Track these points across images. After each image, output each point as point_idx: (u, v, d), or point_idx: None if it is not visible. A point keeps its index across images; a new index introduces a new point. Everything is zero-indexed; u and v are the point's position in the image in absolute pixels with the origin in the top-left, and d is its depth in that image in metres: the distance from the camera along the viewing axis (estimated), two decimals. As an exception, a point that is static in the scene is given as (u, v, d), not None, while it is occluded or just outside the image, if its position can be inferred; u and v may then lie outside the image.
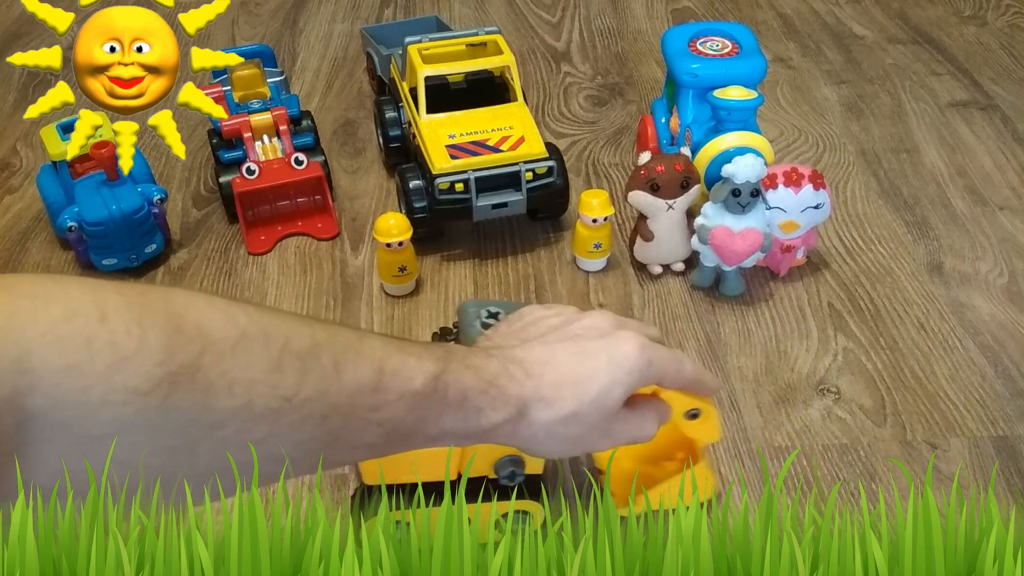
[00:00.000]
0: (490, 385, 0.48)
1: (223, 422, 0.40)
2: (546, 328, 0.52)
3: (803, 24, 1.26)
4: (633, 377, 0.50)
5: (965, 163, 0.97)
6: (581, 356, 0.50)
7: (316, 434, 0.43)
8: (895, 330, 0.77)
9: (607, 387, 0.49)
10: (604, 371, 0.50)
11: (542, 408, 0.49)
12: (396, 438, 0.46)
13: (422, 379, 0.45)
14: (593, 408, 0.49)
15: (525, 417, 0.49)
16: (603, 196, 0.79)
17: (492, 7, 1.33)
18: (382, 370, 0.44)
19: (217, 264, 0.86)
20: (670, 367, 0.52)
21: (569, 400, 0.49)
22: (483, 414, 0.48)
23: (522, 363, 0.50)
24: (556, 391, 0.49)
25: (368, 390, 0.44)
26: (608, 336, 0.51)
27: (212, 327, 0.40)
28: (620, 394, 0.50)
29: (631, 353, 0.50)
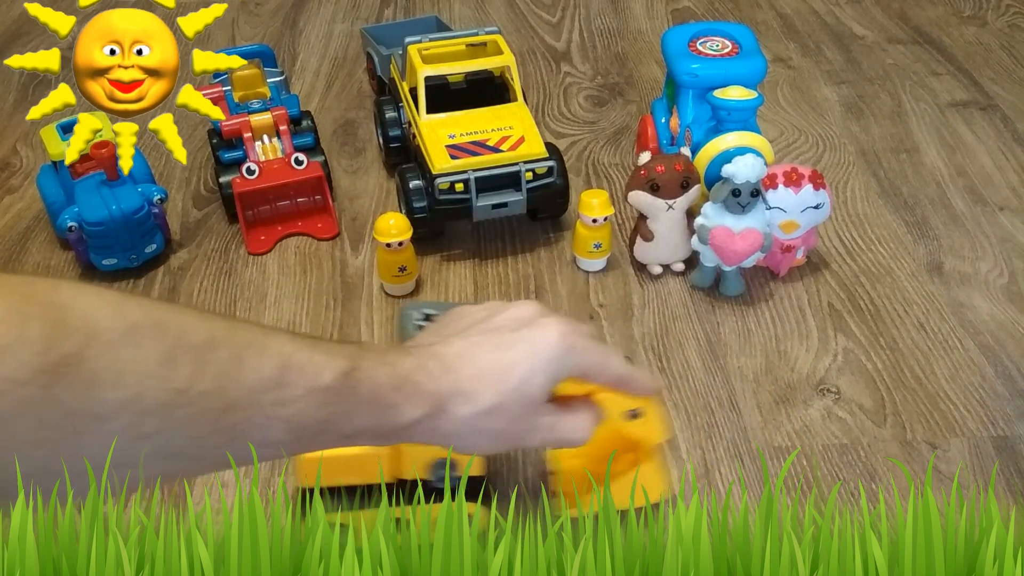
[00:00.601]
0: (405, 381, 0.47)
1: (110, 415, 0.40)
2: (469, 323, 0.52)
3: (803, 24, 1.26)
4: (553, 365, 0.50)
5: (965, 163, 0.97)
6: (501, 347, 0.50)
7: (214, 429, 0.43)
8: (895, 330, 0.77)
9: (527, 376, 0.49)
10: (524, 360, 0.49)
11: (462, 402, 0.48)
12: (306, 435, 0.46)
13: (331, 375, 0.45)
14: (515, 399, 0.49)
15: (444, 413, 0.48)
16: (603, 196, 0.79)
17: (492, 7, 1.33)
18: (288, 365, 0.44)
19: (217, 264, 0.86)
20: (595, 358, 0.51)
21: (489, 392, 0.48)
22: (398, 411, 0.47)
23: (440, 358, 0.49)
24: (476, 384, 0.48)
25: (271, 385, 0.43)
26: (529, 325, 0.51)
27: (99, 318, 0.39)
28: (542, 382, 0.49)
29: (551, 340, 0.50)
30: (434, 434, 0.49)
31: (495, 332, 0.51)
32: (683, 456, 0.66)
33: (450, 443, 0.50)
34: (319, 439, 0.46)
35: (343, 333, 0.78)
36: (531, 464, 0.66)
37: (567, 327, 0.51)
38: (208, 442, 0.43)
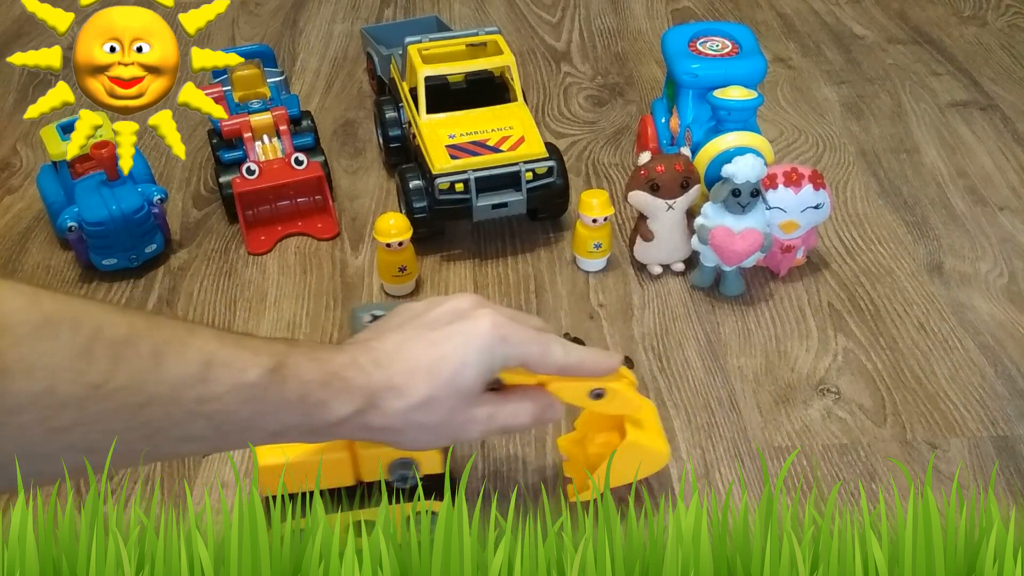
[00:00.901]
0: (334, 378, 0.47)
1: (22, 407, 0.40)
2: (406, 318, 0.52)
3: (803, 24, 1.26)
4: (486, 356, 0.50)
5: (965, 163, 0.97)
6: (434, 341, 0.50)
7: (132, 424, 0.43)
8: (895, 330, 0.77)
9: (459, 368, 0.49)
10: (456, 353, 0.49)
11: (394, 397, 0.48)
12: (231, 432, 0.46)
13: (257, 371, 0.45)
14: (448, 391, 0.49)
15: (376, 408, 0.48)
16: (603, 196, 0.79)
17: (492, 7, 1.33)
18: (211, 361, 0.44)
19: (217, 264, 0.86)
20: (533, 348, 0.51)
21: (422, 386, 0.49)
22: (327, 407, 0.47)
23: (372, 353, 0.49)
24: (408, 378, 0.48)
25: (193, 381, 0.43)
26: (462, 318, 0.51)
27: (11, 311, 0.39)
28: (475, 374, 0.49)
29: (483, 332, 0.50)
30: (367, 430, 0.49)
31: (429, 326, 0.51)
32: (683, 456, 0.66)
33: (387, 438, 0.50)
34: (245, 435, 0.46)
35: (343, 333, 0.78)
36: (531, 464, 0.66)
37: (501, 318, 0.51)
38: (125, 437, 0.43)
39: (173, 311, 0.80)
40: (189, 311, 0.80)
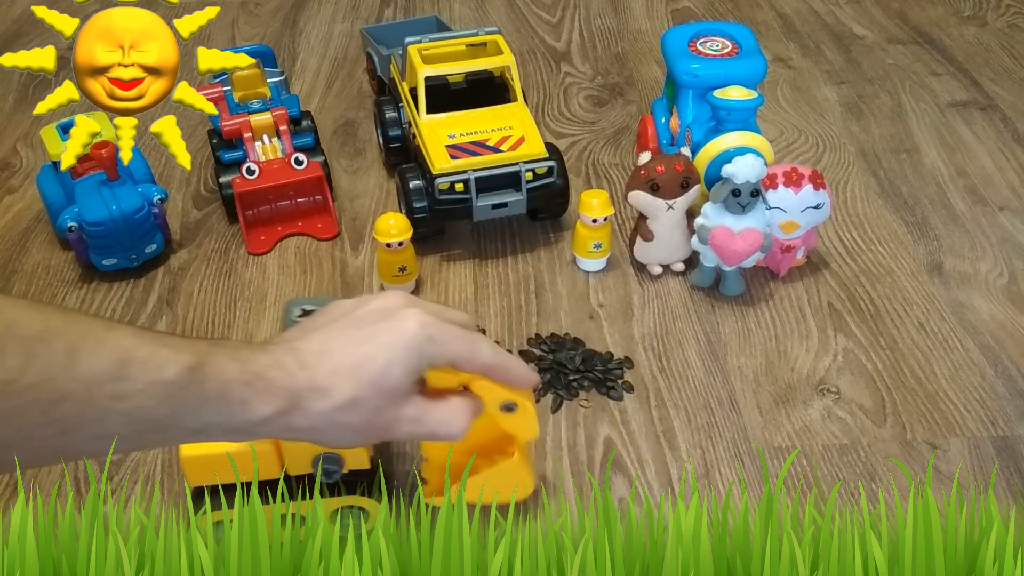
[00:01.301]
0: (257, 377, 0.47)
1: None
2: (333, 317, 0.52)
3: (803, 24, 1.26)
4: (412, 355, 0.50)
5: (965, 163, 0.97)
6: (359, 340, 0.50)
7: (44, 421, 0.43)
8: (895, 330, 0.77)
9: (384, 367, 0.49)
10: (381, 352, 0.49)
11: (318, 397, 0.48)
12: (147, 429, 0.45)
13: (175, 369, 0.45)
14: (373, 391, 0.49)
15: (299, 409, 0.48)
16: (603, 196, 0.79)
17: (492, 7, 1.33)
18: (128, 359, 0.44)
19: (217, 264, 0.86)
20: (460, 347, 0.51)
21: (346, 386, 0.48)
22: (248, 407, 0.47)
23: (297, 353, 0.49)
24: (332, 379, 0.48)
25: (108, 378, 0.43)
26: (389, 317, 0.50)
27: None
28: (401, 374, 0.49)
29: (409, 331, 0.50)
30: (291, 430, 0.49)
31: (355, 325, 0.50)
32: (683, 456, 0.66)
33: (311, 438, 0.50)
34: (163, 433, 0.46)
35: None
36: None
37: (428, 317, 0.51)
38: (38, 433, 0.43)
39: (173, 311, 0.80)
40: (189, 311, 0.80)
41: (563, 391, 0.71)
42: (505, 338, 0.77)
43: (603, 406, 0.70)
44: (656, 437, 0.68)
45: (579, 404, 0.71)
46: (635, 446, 0.67)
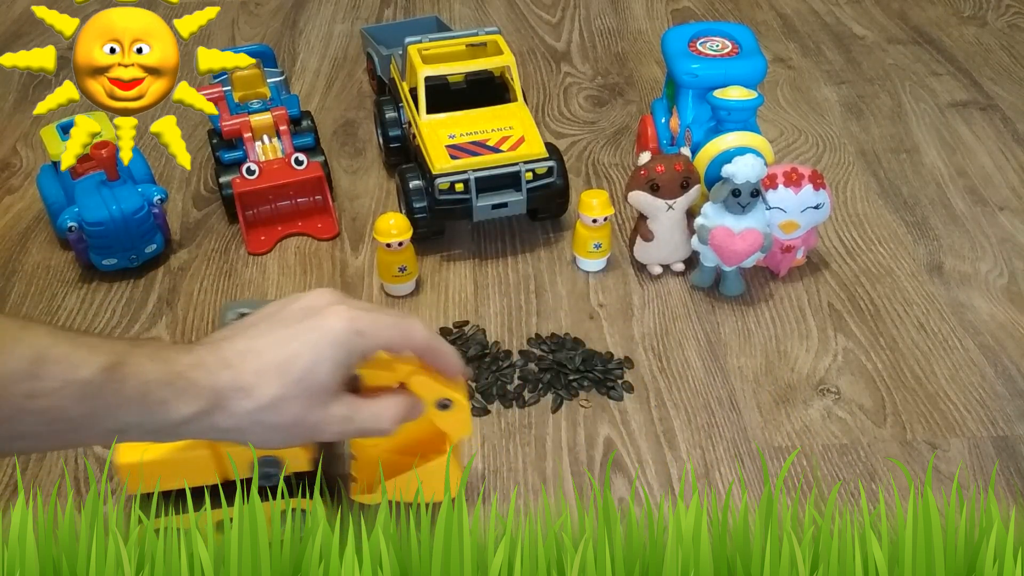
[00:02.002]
0: (178, 377, 0.47)
1: None
2: (262, 316, 0.51)
3: (803, 24, 1.26)
4: (340, 352, 0.49)
5: (965, 163, 0.97)
6: (284, 339, 0.49)
7: None
8: (895, 330, 0.77)
9: (310, 366, 0.48)
10: (308, 350, 0.49)
11: (242, 397, 0.48)
12: (65, 430, 0.45)
13: (91, 369, 0.44)
14: (300, 390, 0.48)
15: (223, 409, 0.48)
16: (603, 196, 0.79)
17: (492, 7, 1.33)
18: (43, 358, 0.44)
19: (217, 264, 0.86)
20: (392, 332, 0.51)
21: (271, 385, 0.48)
22: (169, 407, 0.46)
23: (221, 352, 0.49)
24: (257, 378, 0.48)
25: (22, 376, 0.43)
26: (315, 315, 0.50)
27: None
28: (328, 371, 0.49)
29: (336, 328, 0.49)
30: (215, 431, 0.48)
31: (281, 324, 0.50)
32: (683, 456, 0.66)
33: (235, 439, 0.50)
34: (81, 433, 0.46)
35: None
36: (531, 464, 0.66)
37: (355, 312, 0.50)
38: None
39: (173, 311, 0.80)
40: (189, 311, 0.80)
41: (563, 391, 0.71)
42: (505, 338, 0.77)
43: (603, 406, 0.70)
44: (656, 437, 0.68)
45: (579, 404, 0.71)
46: (635, 446, 0.67)
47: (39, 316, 0.80)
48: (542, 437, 0.68)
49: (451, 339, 0.76)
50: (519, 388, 0.72)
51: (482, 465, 0.66)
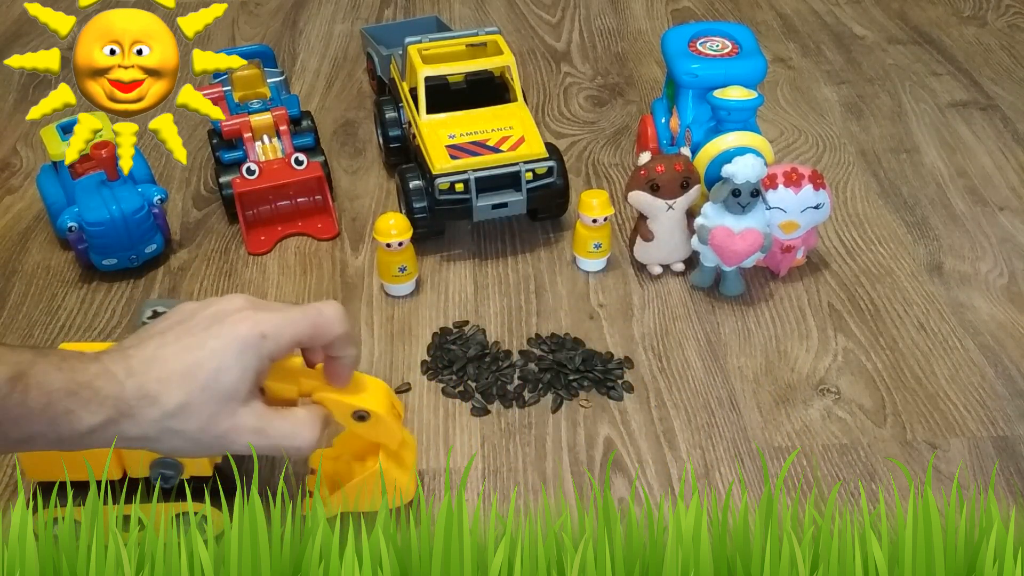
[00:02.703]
0: (83, 387, 0.47)
1: None
2: (172, 322, 0.51)
3: (803, 24, 1.26)
4: (246, 358, 0.49)
5: (965, 163, 0.97)
6: (190, 346, 0.49)
7: None
8: (895, 330, 0.77)
9: (215, 373, 0.48)
10: (212, 357, 0.48)
11: (147, 405, 0.48)
12: None
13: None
14: (206, 397, 0.48)
15: (129, 417, 0.47)
16: (603, 196, 0.79)
17: (492, 7, 1.33)
18: None
19: (217, 264, 0.86)
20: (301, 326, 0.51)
21: (176, 393, 0.48)
22: (74, 417, 0.46)
23: (127, 361, 0.48)
24: (162, 385, 0.48)
25: None
26: (221, 321, 0.50)
27: None
28: (234, 378, 0.49)
29: (241, 334, 0.49)
30: (122, 439, 0.48)
31: (188, 331, 0.50)
32: (683, 456, 0.66)
33: (143, 447, 0.49)
34: None
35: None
36: (531, 464, 0.66)
37: (260, 316, 0.50)
38: None
39: (173, 311, 0.80)
40: (189, 311, 0.80)
41: (563, 391, 0.71)
42: (505, 338, 0.77)
43: (603, 406, 0.70)
44: (656, 437, 0.68)
45: (579, 404, 0.71)
46: (635, 446, 0.67)
47: (39, 316, 0.80)
48: (542, 437, 0.68)
49: (451, 339, 0.76)
50: (519, 388, 0.72)
51: (482, 465, 0.66)
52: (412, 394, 0.72)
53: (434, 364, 0.74)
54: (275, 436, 0.51)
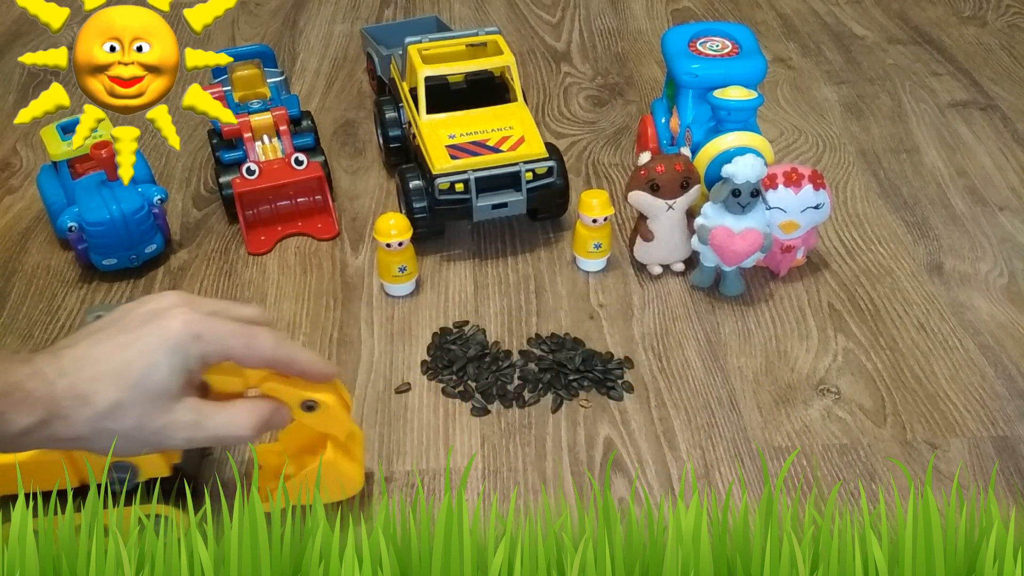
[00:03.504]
0: (14, 388, 0.46)
1: None
2: (106, 323, 0.51)
3: (803, 24, 1.26)
4: (177, 356, 0.49)
5: (965, 163, 0.97)
6: (123, 345, 0.49)
7: None
8: (895, 330, 0.77)
9: (147, 371, 0.48)
10: (144, 355, 0.48)
11: (80, 405, 0.47)
12: None
13: None
14: (137, 395, 0.48)
15: (62, 418, 0.47)
16: (603, 196, 0.79)
17: (492, 7, 1.33)
18: None
19: (217, 264, 0.86)
20: (235, 341, 0.50)
21: (108, 392, 0.48)
22: (6, 419, 0.46)
23: (60, 361, 0.48)
24: (94, 385, 0.48)
25: None
26: (154, 319, 0.50)
27: None
28: (165, 376, 0.49)
29: (172, 332, 0.49)
30: (55, 440, 0.48)
31: (121, 329, 0.50)
32: (683, 456, 0.66)
33: (78, 447, 0.49)
34: None
35: (343, 333, 0.78)
36: (531, 464, 0.66)
37: (196, 316, 0.50)
38: None
39: (173, 311, 0.80)
40: (189, 311, 0.80)
41: (563, 391, 0.71)
42: (505, 338, 0.77)
43: (603, 406, 0.70)
44: (656, 437, 0.68)
45: (579, 404, 0.71)
46: (635, 446, 0.67)
47: (39, 316, 0.80)
48: (542, 437, 0.68)
49: (451, 339, 0.76)
50: (519, 388, 0.72)
51: (482, 465, 0.66)
52: (412, 394, 0.72)
53: (434, 364, 0.74)
54: (212, 427, 0.51)
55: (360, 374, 0.74)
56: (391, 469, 0.66)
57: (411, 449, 0.67)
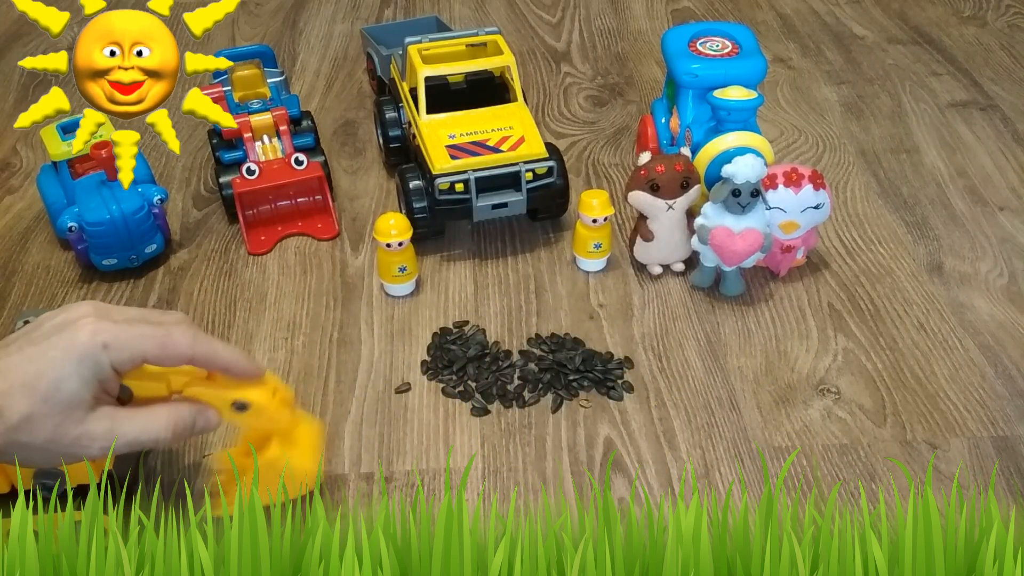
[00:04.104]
0: None
1: None
2: (19, 334, 0.51)
3: (803, 24, 1.26)
4: (85, 366, 0.49)
5: (965, 163, 0.97)
6: (31, 356, 0.49)
7: None
8: (895, 330, 0.77)
9: (55, 382, 0.48)
10: (51, 367, 0.48)
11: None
12: None
13: None
14: (48, 408, 0.48)
15: None
16: (603, 196, 0.79)
17: (492, 7, 1.33)
18: None
19: (217, 264, 0.86)
20: (147, 344, 0.50)
21: (18, 405, 0.47)
22: None
23: None
24: (5, 399, 0.47)
25: None
26: (63, 330, 0.49)
27: None
28: (75, 387, 0.48)
29: (80, 342, 0.49)
30: None
31: (31, 341, 0.49)
32: (683, 456, 0.66)
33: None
34: None
35: (343, 333, 0.78)
36: (531, 464, 0.66)
37: (104, 324, 0.50)
38: None
39: (173, 311, 0.80)
40: (189, 311, 0.80)
41: (563, 391, 0.71)
42: (505, 338, 0.77)
43: (603, 406, 0.71)
44: (656, 437, 0.68)
45: (579, 404, 0.71)
46: (635, 446, 0.67)
47: (39, 316, 0.80)
48: (542, 437, 0.68)
49: (451, 339, 0.76)
50: (519, 388, 0.72)
51: (482, 465, 0.66)
52: (412, 394, 0.72)
53: (434, 364, 0.74)
54: (128, 434, 0.50)
55: (360, 374, 0.74)
56: (391, 469, 0.66)
57: (411, 449, 0.67)
